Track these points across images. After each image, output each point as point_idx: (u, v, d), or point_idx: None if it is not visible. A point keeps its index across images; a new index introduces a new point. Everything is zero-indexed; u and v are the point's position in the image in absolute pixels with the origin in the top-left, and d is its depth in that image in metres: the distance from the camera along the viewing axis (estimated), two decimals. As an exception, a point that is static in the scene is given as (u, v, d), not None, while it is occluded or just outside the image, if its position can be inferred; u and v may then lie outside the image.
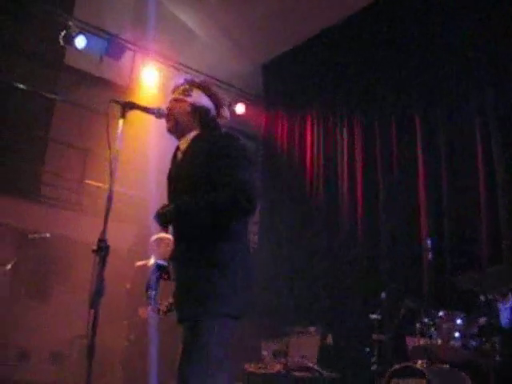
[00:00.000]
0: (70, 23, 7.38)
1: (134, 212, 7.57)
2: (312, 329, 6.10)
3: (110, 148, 2.43)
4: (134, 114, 2.60)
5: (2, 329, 7.48)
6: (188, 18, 8.80)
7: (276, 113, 8.79)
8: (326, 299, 6.84)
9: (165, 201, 2.68)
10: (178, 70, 8.25)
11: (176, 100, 2.77)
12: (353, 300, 6.44)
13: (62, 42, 7.31)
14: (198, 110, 2.73)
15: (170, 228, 2.58)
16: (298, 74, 8.43)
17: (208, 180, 2.47)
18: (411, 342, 4.70)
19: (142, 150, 7.01)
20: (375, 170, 6.82)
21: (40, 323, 7.91)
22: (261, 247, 8.12)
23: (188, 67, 8.28)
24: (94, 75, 8.08)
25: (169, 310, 2.68)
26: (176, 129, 2.74)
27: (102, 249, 2.14)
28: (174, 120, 2.72)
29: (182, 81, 2.83)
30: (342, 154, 7.39)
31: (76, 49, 7.44)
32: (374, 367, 4.90)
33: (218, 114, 2.81)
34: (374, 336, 5.00)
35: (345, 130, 7.44)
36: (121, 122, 2.46)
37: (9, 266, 5.18)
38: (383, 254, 6.35)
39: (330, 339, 5.92)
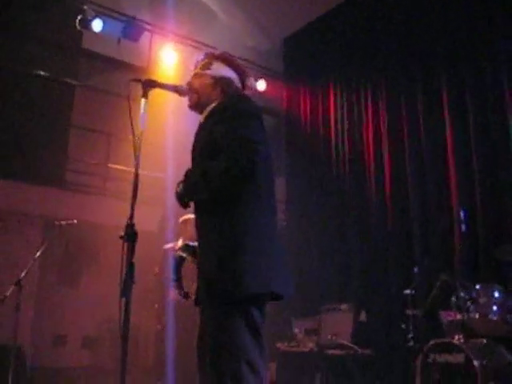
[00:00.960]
0: (86, 7, 7.30)
1: (158, 194, 7.53)
2: (344, 306, 6.04)
3: (133, 130, 2.33)
4: (151, 94, 2.50)
5: (35, 315, 7.56)
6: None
7: (297, 88, 8.64)
8: (358, 275, 6.74)
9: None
10: (197, 49, 8.13)
11: (196, 75, 2.65)
12: (385, 275, 6.33)
13: (78, 26, 7.24)
14: (219, 82, 2.60)
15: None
16: (319, 48, 8.24)
17: (215, 148, 2.31)
18: (446, 316, 4.60)
19: (159, 131, 6.93)
20: (402, 141, 6.63)
21: (72, 309, 7.99)
22: (289, 225, 8.04)
23: (207, 46, 8.15)
24: (112, 58, 7.98)
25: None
26: (197, 104, 2.61)
27: (130, 235, 2.06)
28: (196, 95, 2.60)
29: (202, 56, 2.71)
30: (367, 127, 7.21)
31: (93, 32, 7.37)
32: (410, 343, 4.81)
33: (244, 84, 2.67)
34: (408, 311, 4.90)
35: (369, 102, 7.25)
36: (143, 101, 2.37)
37: (38, 254, 5.16)
38: (414, 228, 6.20)
39: (363, 316, 5.84)
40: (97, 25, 7.28)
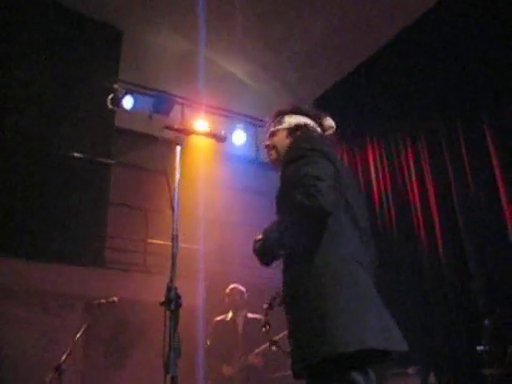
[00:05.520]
0: (116, 85, 7.39)
1: (196, 266, 7.30)
2: (410, 369, 5.51)
3: (171, 202, 2.34)
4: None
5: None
6: (233, 66, 8.71)
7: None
8: (419, 333, 6.24)
9: (215, 252, 2.46)
10: (229, 117, 8.14)
11: (272, 134, 2.64)
12: (451, 331, 5.85)
13: (109, 105, 7.30)
14: (294, 130, 2.56)
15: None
16: (351, 105, 8.10)
17: (286, 194, 2.23)
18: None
19: (192, 201, 6.77)
20: (449, 190, 6.35)
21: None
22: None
23: (238, 114, 8.14)
24: (145, 133, 8.00)
25: None
26: (277, 159, 2.58)
27: (171, 300, 1.78)
28: (274, 150, 2.59)
29: (272, 116, 2.70)
30: (410, 179, 6.98)
31: (124, 110, 7.43)
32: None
33: (322, 126, 2.63)
34: (486, 371, 4.39)
35: (409, 153, 7.05)
36: (178, 149, 2.24)
37: (78, 335, 4.97)
38: (475, 279, 5.73)
39: (432, 378, 5.31)
40: (128, 102, 7.35)
